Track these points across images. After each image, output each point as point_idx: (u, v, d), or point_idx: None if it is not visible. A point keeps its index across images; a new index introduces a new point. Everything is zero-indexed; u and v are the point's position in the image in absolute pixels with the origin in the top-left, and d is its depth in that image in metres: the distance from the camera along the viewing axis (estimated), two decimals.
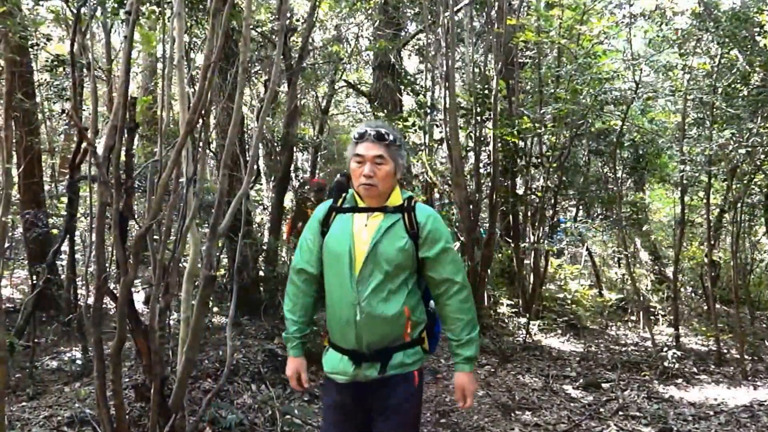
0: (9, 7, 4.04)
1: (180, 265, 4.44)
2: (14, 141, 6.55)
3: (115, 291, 3.44)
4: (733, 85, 7.05)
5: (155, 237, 4.04)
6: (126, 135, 3.43)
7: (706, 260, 8.41)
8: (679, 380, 6.43)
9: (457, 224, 8.69)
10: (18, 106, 5.88)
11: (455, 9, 8.59)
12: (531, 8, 9.21)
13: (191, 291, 3.92)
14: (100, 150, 3.41)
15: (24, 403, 4.43)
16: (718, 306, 9.13)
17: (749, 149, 6.56)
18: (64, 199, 5.94)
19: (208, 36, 3.53)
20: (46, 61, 5.47)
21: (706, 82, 7.29)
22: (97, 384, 3.19)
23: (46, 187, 7.76)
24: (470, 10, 8.80)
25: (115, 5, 5.12)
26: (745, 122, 6.59)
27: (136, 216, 5.02)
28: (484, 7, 9.23)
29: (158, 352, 3.32)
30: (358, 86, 13.26)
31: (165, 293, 3.56)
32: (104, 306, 4.39)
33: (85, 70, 5.04)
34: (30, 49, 6.32)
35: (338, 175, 6.92)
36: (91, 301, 3.45)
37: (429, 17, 9.23)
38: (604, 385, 6.26)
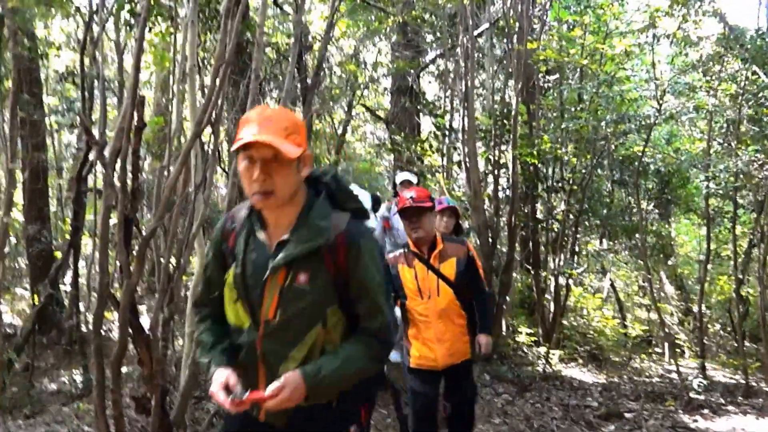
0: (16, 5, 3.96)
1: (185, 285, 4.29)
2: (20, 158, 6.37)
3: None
4: (758, 109, 6.87)
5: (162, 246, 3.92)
6: (133, 136, 3.31)
7: (734, 295, 8.13)
8: (705, 410, 6.13)
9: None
10: (25, 114, 5.69)
11: (475, 33, 8.48)
12: (553, 30, 9.09)
13: None
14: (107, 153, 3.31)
15: (20, 422, 4.26)
16: (747, 344, 8.77)
17: None
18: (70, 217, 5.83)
19: (220, 37, 3.43)
20: (56, 71, 5.40)
21: (731, 105, 7.12)
22: (95, 393, 3.04)
23: (53, 210, 7.58)
24: (491, 34, 8.71)
25: (128, 17, 5.07)
26: None
27: (142, 226, 4.89)
28: (503, 30, 9.12)
29: (160, 361, 3.16)
30: (376, 111, 13.14)
31: (169, 302, 3.41)
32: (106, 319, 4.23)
33: (95, 81, 4.97)
34: (40, 60, 6.15)
35: None
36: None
37: (449, 40, 9.16)
38: (626, 415, 5.97)
